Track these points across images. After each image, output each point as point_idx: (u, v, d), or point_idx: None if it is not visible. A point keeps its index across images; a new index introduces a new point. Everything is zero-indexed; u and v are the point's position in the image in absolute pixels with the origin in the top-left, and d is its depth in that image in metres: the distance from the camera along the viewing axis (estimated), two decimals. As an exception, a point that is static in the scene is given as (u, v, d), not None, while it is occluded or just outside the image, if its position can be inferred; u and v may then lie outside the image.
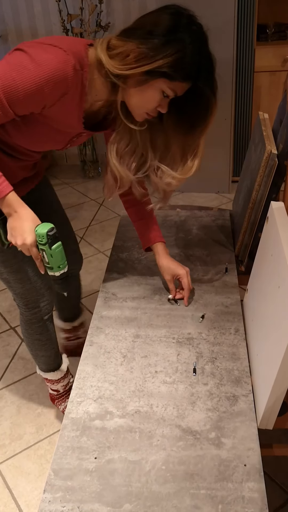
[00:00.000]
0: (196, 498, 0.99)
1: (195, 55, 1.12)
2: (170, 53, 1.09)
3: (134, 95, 1.18)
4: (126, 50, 1.11)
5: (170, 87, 1.14)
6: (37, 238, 1.23)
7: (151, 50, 1.09)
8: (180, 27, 1.11)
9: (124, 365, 1.33)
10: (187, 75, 1.13)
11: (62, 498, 1.01)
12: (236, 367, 1.30)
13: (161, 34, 1.09)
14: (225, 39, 3.05)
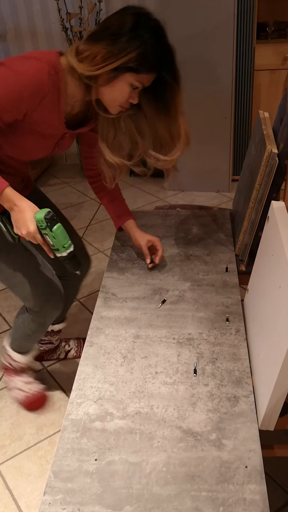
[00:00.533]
0: (197, 500, 0.99)
1: (155, 48, 1.25)
2: (132, 49, 1.22)
3: (106, 92, 1.31)
4: (93, 52, 1.23)
5: (137, 80, 1.27)
6: (37, 225, 1.29)
7: (115, 49, 1.22)
8: (139, 25, 1.23)
9: (124, 366, 1.32)
10: (150, 67, 1.26)
11: (62, 500, 1.00)
12: (236, 367, 1.29)
13: (123, 33, 1.22)
14: (225, 37, 3.04)
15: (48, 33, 3.75)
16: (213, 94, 3.23)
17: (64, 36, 3.67)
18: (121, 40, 1.22)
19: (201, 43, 3.08)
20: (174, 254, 1.79)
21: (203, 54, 3.11)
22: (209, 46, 3.08)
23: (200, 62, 3.14)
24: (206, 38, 3.06)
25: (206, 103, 3.27)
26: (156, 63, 1.27)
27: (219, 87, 3.20)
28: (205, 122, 3.33)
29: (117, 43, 1.22)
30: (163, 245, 1.85)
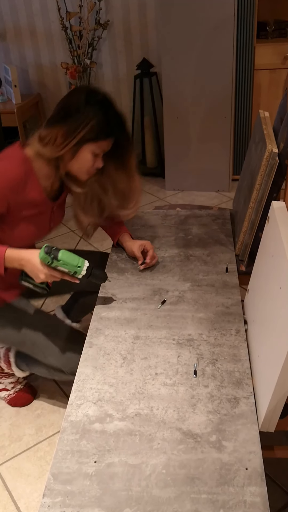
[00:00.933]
0: (197, 502, 0.98)
1: (106, 117, 1.40)
2: (87, 123, 1.38)
3: (73, 165, 1.47)
4: (53, 135, 1.40)
5: (97, 147, 1.44)
6: (46, 263, 1.35)
7: (72, 127, 1.38)
8: (89, 101, 1.39)
9: (124, 367, 1.31)
10: (106, 134, 1.42)
11: (61, 503, 0.99)
12: (237, 368, 1.29)
13: (76, 112, 1.38)
14: (225, 37, 3.03)
15: (48, 32, 3.75)
16: (213, 94, 3.22)
17: (63, 35, 3.66)
18: (75, 117, 1.38)
19: (201, 42, 3.08)
20: (174, 254, 1.79)
21: (203, 53, 3.10)
22: (209, 45, 3.07)
23: (200, 61, 3.13)
24: (206, 37, 3.06)
25: (206, 102, 3.26)
26: (110, 129, 1.42)
27: (219, 87, 3.19)
28: (205, 122, 3.33)
29: (72, 121, 1.38)
30: (163, 245, 1.84)
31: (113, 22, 3.60)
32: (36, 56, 3.87)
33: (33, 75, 3.95)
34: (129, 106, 3.86)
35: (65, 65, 3.67)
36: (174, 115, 3.36)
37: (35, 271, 1.36)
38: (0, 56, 3.94)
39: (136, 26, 3.59)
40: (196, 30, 3.05)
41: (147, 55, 3.65)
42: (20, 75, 3.93)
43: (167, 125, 3.41)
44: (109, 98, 1.44)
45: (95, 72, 3.80)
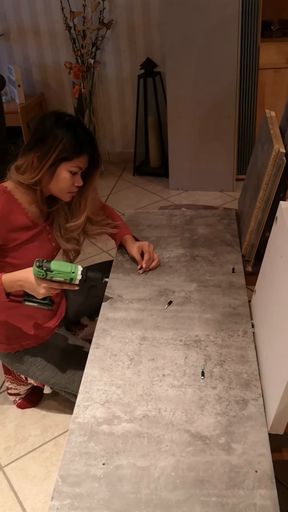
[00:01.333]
0: (207, 505, 0.97)
1: (75, 136, 1.46)
2: (58, 143, 1.44)
3: (52, 186, 1.52)
4: (29, 161, 1.48)
5: (72, 166, 1.49)
6: (41, 277, 1.35)
7: (45, 149, 1.45)
8: (57, 124, 1.46)
9: (131, 368, 1.31)
10: (78, 151, 1.47)
11: (70, 505, 0.99)
12: (245, 370, 1.28)
13: (46, 135, 1.45)
14: (229, 36, 3.02)
15: (51, 32, 3.74)
16: (217, 93, 3.21)
17: (67, 34, 3.65)
18: (47, 140, 1.45)
19: (205, 42, 3.06)
20: (180, 254, 1.78)
21: (207, 52, 3.09)
22: (213, 44, 3.06)
23: (204, 61, 3.12)
24: (210, 37, 3.05)
25: (210, 102, 3.25)
26: (81, 147, 1.48)
27: (223, 86, 3.18)
28: (209, 121, 3.32)
29: (44, 144, 1.45)
30: (169, 245, 1.84)
31: (117, 22, 3.59)
32: (39, 56, 3.86)
33: (36, 75, 3.94)
34: (133, 105, 3.85)
35: (69, 65, 3.66)
36: (178, 114, 3.35)
37: (33, 288, 1.36)
38: (4, 56, 3.94)
39: (140, 25, 3.58)
40: (200, 29, 3.04)
41: (151, 54, 3.64)
42: (24, 75, 3.93)
43: (170, 125, 3.40)
44: (76, 119, 1.53)
45: (99, 72, 3.79)
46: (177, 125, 3.39)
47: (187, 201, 3.48)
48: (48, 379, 1.70)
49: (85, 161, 1.52)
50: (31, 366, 1.69)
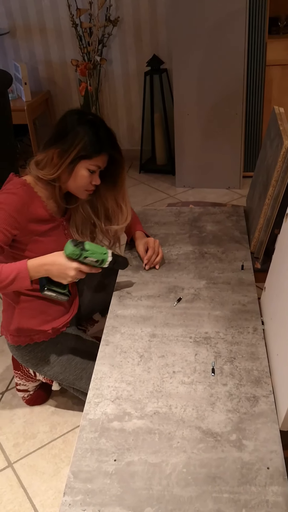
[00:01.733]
0: (219, 502, 0.97)
1: (96, 135, 1.48)
2: (79, 141, 1.46)
3: (70, 183, 1.53)
4: (49, 156, 1.49)
5: (91, 164, 1.50)
6: (73, 258, 1.37)
7: (66, 146, 1.46)
8: (79, 122, 1.47)
9: (141, 365, 1.31)
10: (98, 150, 1.49)
11: (82, 501, 0.99)
12: (255, 367, 1.28)
13: (68, 132, 1.47)
14: (236, 32, 3.01)
15: (58, 29, 3.74)
16: (224, 90, 3.20)
17: (73, 32, 3.65)
18: (68, 138, 1.46)
19: (212, 38, 3.05)
20: (189, 251, 1.78)
21: (214, 49, 3.08)
22: (220, 41, 3.05)
23: (210, 58, 3.11)
24: (217, 33, 3.04)
25: (217, 98, 3.24)
26: (101, 145, 1.49)
27: (230, 83, 3.17)
28: (216, 118, 3.31)
29: (65, 141, 1.46)
30: (177, 242, 1.83)
31: (123, 19, 3.59)
32: (46, 53, 3.86)
33: (43, 72, 3.94)
34: (139, 103, 3.84)
35: (75, 62, 3.66)
36: (184, 111, 3.35)
37: (62, 271, 1.37)
38: (10, 54, 3.94)
39: (146, 22, 3.57)
40: (206, 26, 3.03)
41: (157, 51, 3.63)
42: (30, 73, 3.93)
43: (177, 122, 3.40)
44: (99, 118, 1.54)
45: (105, 69, 3.79)
46: (183, 122, 3.39)
47: (193, 198, 3.48)
48: (56, 375, 1.70)
49: (104, 160, 1.53)
50: (40, 361, 1.70)
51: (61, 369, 1.70)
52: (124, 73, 3.80)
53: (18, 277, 1.36)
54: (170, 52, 3.56)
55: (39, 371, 1.73)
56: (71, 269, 1.37)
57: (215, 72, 3.16)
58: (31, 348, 1.69)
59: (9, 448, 1.79)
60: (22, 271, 1.36)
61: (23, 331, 1.67)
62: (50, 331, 1.68)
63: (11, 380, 2.09)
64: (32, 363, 1.71)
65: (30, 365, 1.72)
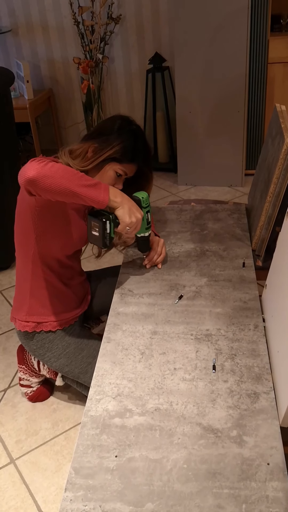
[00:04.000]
0: (219, 497, 0.98)
1: (134, 145, 1.55)
2: (116, 144, 1.52)
3: (96, 179, 1.51)
4: (85, 148, 1.54)
5: (120, 168, 1.55)
6: (143, 204, 1.56)
7: (104, 144, 1.53)
8: (123, 128, 1.56)
9: (142, 362, 1.31)
10: (131, 159, 1.55)
11: (83, 497, 1.00)
12: (256, 363, 1.28)
13: (109, 133, 1.54)
14: (238, 30, 3.01)
15: (60, 27, 3.74)
16: (226, 88, 3.20)
17: (75, 30, 3.66)
18: (108, 137, 1.53)
19: (214, 36, 3.05)
20: (190, 249, 1.78)
21: (216, 47, 3.08)
22: (222, 39, 3.05)
23: (213, 55, 3.11)
24: (219, 31, 3.04)
25: (219, 96, 3.24)
26: (135, 155, 1.56)
27: (232, 80, 3.17)
28: (218, 116, 3.31)
29: (104, 140, 1.53)
30: (179, 240, 1.84)
31: (126, 17, 3.59)
32: (48, 52, 3.87)
33: (45, 71, 3.95)
34: (141, 101, 3.85)
35: (77, 60, 3.66)
36: (186, 109, 3.35)
37: (133, 210, 1.45)
38: (12, 52, 3.95)
39: (148, 20, 3.57)
40: (209, 23, 3.03)
41: (160, 49, 3.64)
42: (32, 71, 3.94)
43: (179, 120, 3.40)
44: (141, 131, 1.61)
45: (107, 67, 3.79)
46: (185, 120, 3.39)
47: (195, 196, 3.48)
48: (62, 367, 1.71)
49: (133, 170, 1.59)
50: (47, 351, 1.71)
51: (67, 361, 1.71)
52: (126, 71, 3.80)
53: (100, 185, 1.37)
54: (172, 50, 3.56)
55: (46, 362, 1.74)
56: (139, 213, 1.46)
57: (217, 70, 3.16)
58: (39, 338, 1.70)
59: (11, 444, 1.80)
60: (105, 185, 1.39)
61: (32, 317, 1.68)
62: (58, 322, 1.69)
63: (13, 378, 2.10)
64: (39, 353, 1.72)
65: (37, 354, 1.73)
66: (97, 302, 1.91)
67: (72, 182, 1.32)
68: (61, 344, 1.71)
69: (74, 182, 1.32)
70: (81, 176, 1.34)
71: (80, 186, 1.33)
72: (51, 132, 4.13)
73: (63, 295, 1.70)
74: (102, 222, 1.45)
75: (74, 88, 3.98)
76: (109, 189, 1.40)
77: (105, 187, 1.38)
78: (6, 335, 2.35)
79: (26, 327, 1.69)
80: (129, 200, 1.46)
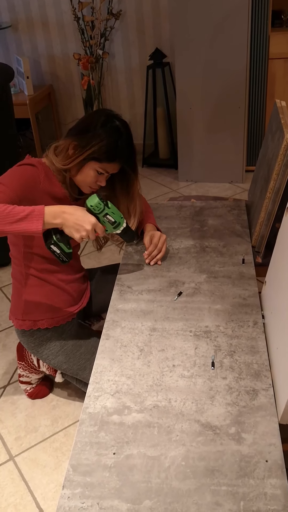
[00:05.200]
0: (217, 494, 0.97)
1: (115, 144, 1.49)
2: (95, 143, 1.47)
3: (78, 176, 1.55)
4: (65, 146, 1.51)
5: (100, 167, 1.52)
6: (95, 211, 1.44)
7: (83, 143, 1.48)
8: (105, 124, 1.49)
9: (141, 359, 1.31)
10: (110, 158, 1.51)
11: (81, 494, 1.00)
12: (255, 360, 1.28)
13: (90, 130, 1.49)
14: (239, 25, 2.99)
15: (60, 23, 3.72)
16: (226, 84, 3.19)
17: (76, 25, 3.64)
18: (87, 135, 1.48)
19: (215, 32, 3.04)
20: (190, 245, 1.77)
21: (217, 42, 3.07)
22: (223, 33, 3.03)
23: (213, 51, 3.10)
24: (220, 27, 3.02)
25: (219, 92, 3.23)
26: (115, 155, 1.51)
27: (232, 76, 3.15)
28: (218, 112, 3.29)
29: (84, 138, 1.48)
30: (178, 236, 1.83)
31: (126, 12, 3.57)
32: (48, 47, 3.85)
33: (45, 66, 3.94)
34: (142, 97, 3.83)
35: (78, 56, 3.65)
36: (187, 105, 3.34)
37: (80, 222, 1.36)
38: (12, 48, 3.93)
39: (149, 16, 3.55)
40: (209, 19, 3.01)
41: (160, 45, 3.62)
42: (32, 66, 3.92)
43: (179, 116, 3.39)
44: (126, 127, 1.53)
45: (108, 63, 3.78)
46: (186, 116, 3.37)
47: (196, 192, 3.47)
48: (60, 364, 1.71)
49: (115, 168, 1.55)
50: (45, 349, 1.71)
51: (66, 358, 1.71)
52: (127, 67, 3.78)
53: (32, 215, 1.30)
54: (172, 46, 3.55)
55: (44, 359, 1.74)
56: (88, 222, 1.37)
57: (217, 65, 3.14)
58: (37, 336, 1.70)
59: (10, 441, 1.80)
60: (38, 210, 1.31)
61: (28, 315, 1.68)
62: (54, 319, 1.69)
63: (13, 375, 2.10)
64: (37, 350, 1.72)
65: (35, 352, 1.73)
66: (97, 300, 1.91)
67: (1, 222, 1.29)
68: (59, 341, 1.70)
69: (2, 222, 1.28)
70: (9, 212, 1.29)
71: (9, 224, 1.29)
72: (52, 128, 4.12)
73: (58, 292, 1.69)
74: (50, 248, 1.42)
75: (74, 84, 3.97)
76: (45, 213, 1.32)
77: (38, 214, 1.31)
78: (5, 332, 2.35)
79: (23, 326, 1.69)
80: (73, 213, 1.37)
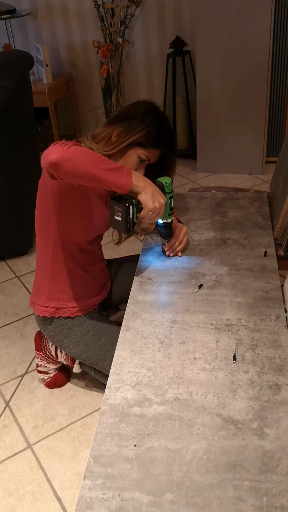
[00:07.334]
0: (240, 489, 0.96)
1: (159, 130, 1.55)
2: (141, 128, 1.51)
3: (119, 163, 1.52)
4: (109, 132, 1.54)
5: (144, 154, 1.55)
6: (166, 190, 1.54)
7: (129, 128, 1.52)
8: (148, 113, 1.55)
9: (161, 351, 1.30)
10: (155, 144, 1.55)
11: (102, 485, 0.99)
12: (277, 355, 1.26)
13: (135, 118, 1.53)
14: (262, 12, 2.94)
15: (80, 10, 3.69)
16: (248, 73, 3.14)
17: (95, 13, 3.61)
18: (132, 122, 1.52)
19: (237, 19, 2.99)
20: (211, 237, 1.76)
21: (239, 30, 3.02)
22: (245, 22, 2.98)
23: (235, 39, 3.05)
24: (242, 14, 2.97)
25: (241, 81, 3.18)
26: (159, 141, 1.55)
27: (254, 65, 3.11)
28: (239, 102, 3.25)
29: (129, 124, 1.52)
30: (199, 228, 1.81)
31: None
32: (67, 35, 3.83)
33: (64, 55, 3.91)
34: (161, 85, 3.80)
35: (97, 44, 3.62)
36: (207, 95, 3.30)
37: (157, 195, 1.42)
38: (32, 35, 3.91)
39: (169, 3, 3.51)
40: (231, 6, 2.96)
41: (181, 33, 3.57)
42: (52, 55, 3.90)
43: (199, 105, 3.35)
44: (165, 116, 1.60)
45: (127, 51, 3.74)
46: (206, 106, 3.34)
47: (215, 183, 3.44)
48: (80, 353, 1.71)
49: (156, 155, 1.58)
50: (66, 338, 1.71)
51: (86, 348, 1.71)
52: (146, 55, 3.75)
53: (123, 169, 1.35)
54: (193, 34, 3.50)
55: (64, 348, 1.74)
56: (162, 198, 1.44)
57: (239, 53, 3.09)
58: (58, 324, 1.70)
59: (28, 430, 1.81)
60: (127, 168, 1.37)
61: (51, 302, 1.68)
62: (77, 308, 1.69)
63: (31, 363, 2.11)
64: (57, 339, 1.72)
65: (55, 341, 1.73)
66: (117, 291, 1.90)
67: (94, 165, 1.30)
68: (80, 330, 1.70)
69: (96, 166, 1.30)
70: (104, 160, 1.32)
71: (102, 170, 1.31)
72: (70, 117, 4.10)
73: (83, 281, 1.69)
74: (125, 206, 1.42)
75: (93, 72, 3.94)
76: (132, 173, 1.37)
77: (127, 171, 1.36)
78: (23, 320, 2.36)
79: (45, 312, 1.69)
80: (152, 185, 1.43)
